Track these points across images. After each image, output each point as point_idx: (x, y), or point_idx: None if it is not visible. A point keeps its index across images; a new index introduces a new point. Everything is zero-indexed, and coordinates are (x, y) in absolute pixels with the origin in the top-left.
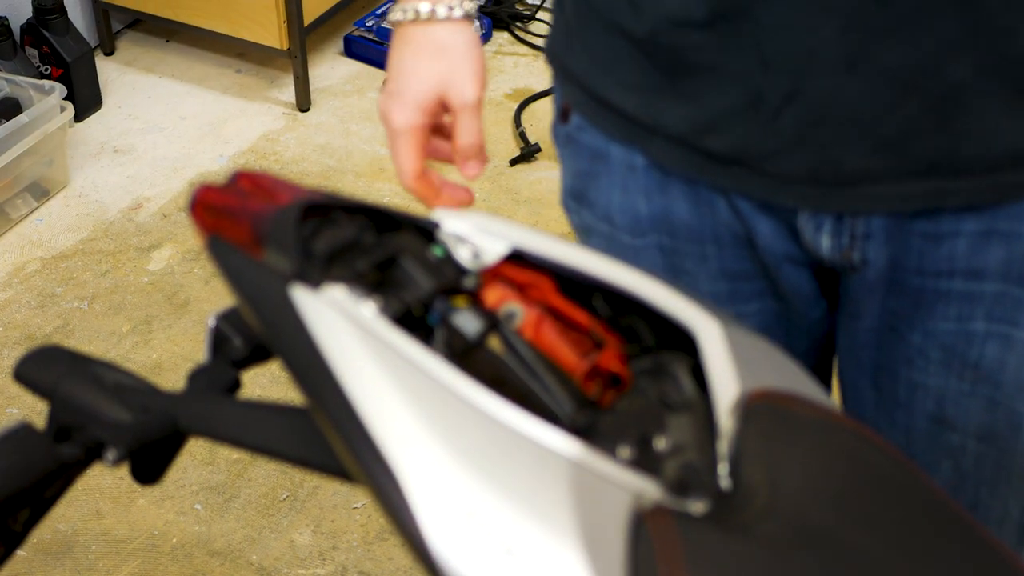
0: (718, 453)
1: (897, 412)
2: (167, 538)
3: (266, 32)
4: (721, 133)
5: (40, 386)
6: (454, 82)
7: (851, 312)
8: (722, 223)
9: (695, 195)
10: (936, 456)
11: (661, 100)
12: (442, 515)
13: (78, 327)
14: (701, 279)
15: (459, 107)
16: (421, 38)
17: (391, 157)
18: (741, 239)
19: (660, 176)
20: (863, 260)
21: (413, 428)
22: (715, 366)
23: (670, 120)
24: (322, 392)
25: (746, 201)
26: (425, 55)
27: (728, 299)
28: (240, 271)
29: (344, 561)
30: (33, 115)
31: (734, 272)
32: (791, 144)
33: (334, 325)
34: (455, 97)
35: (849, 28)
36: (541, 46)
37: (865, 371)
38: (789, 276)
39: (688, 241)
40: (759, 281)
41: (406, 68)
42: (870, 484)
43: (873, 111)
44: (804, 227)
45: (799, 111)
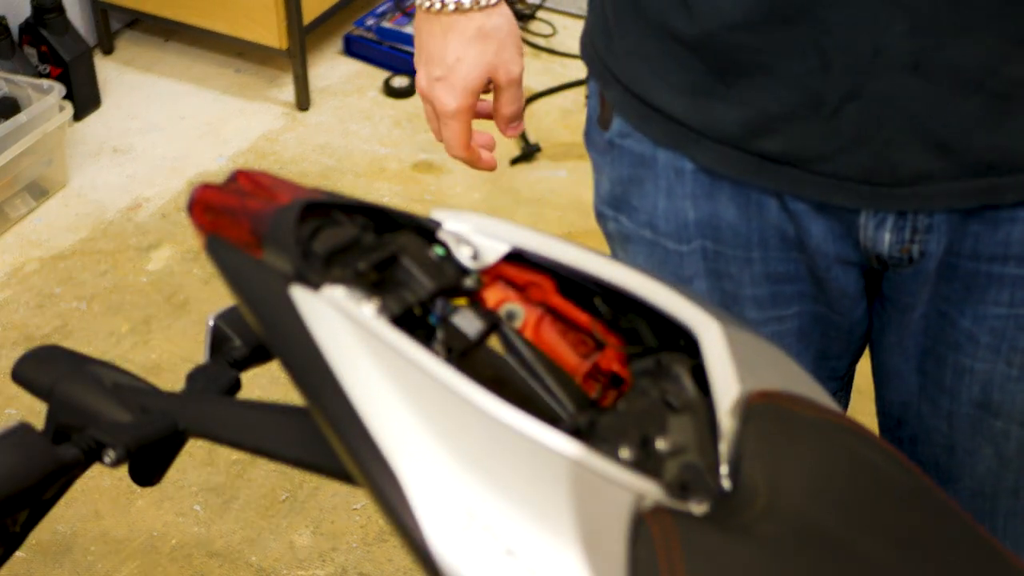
0: (719, 453)
1: (941, 397)
2: (166, 539)
3: (265, 31)
4: (776, 135)
5: (38, 386)
6: (501, 63)
7: (900, 304)
8: (770, 226)
9: (743, 198)
10: (978, 442)
11: (712, 102)
12: (442, 516)
13: (77, 327)
14: (744, 283)
15: (506, 84)
16: (466, 25)
17: (439, 134)
18: (789, 241)
19: (708, 181)
20: (922, 252)
21: (413, 428)
22: (716, 366)
23: (721, 123)
24: (322, 392)
25: (800, 202)
26: (472, 42)
27: (769, 302)
28: (239, 271)
29: (344, 562)
30: (32, 115)
31: (778, 275)
32: (849, 145)
33: (334, 325)
34: (502, 76)
35: (918, 27)
36: (541, 45)
37: (910, 357)
38: (837, 277)
39: (734, 246)
40: (802, 283)
41: (451, 54)
42: (871, 484)
43: (933, 111)
44: (865, 225)
45: (859, 111)
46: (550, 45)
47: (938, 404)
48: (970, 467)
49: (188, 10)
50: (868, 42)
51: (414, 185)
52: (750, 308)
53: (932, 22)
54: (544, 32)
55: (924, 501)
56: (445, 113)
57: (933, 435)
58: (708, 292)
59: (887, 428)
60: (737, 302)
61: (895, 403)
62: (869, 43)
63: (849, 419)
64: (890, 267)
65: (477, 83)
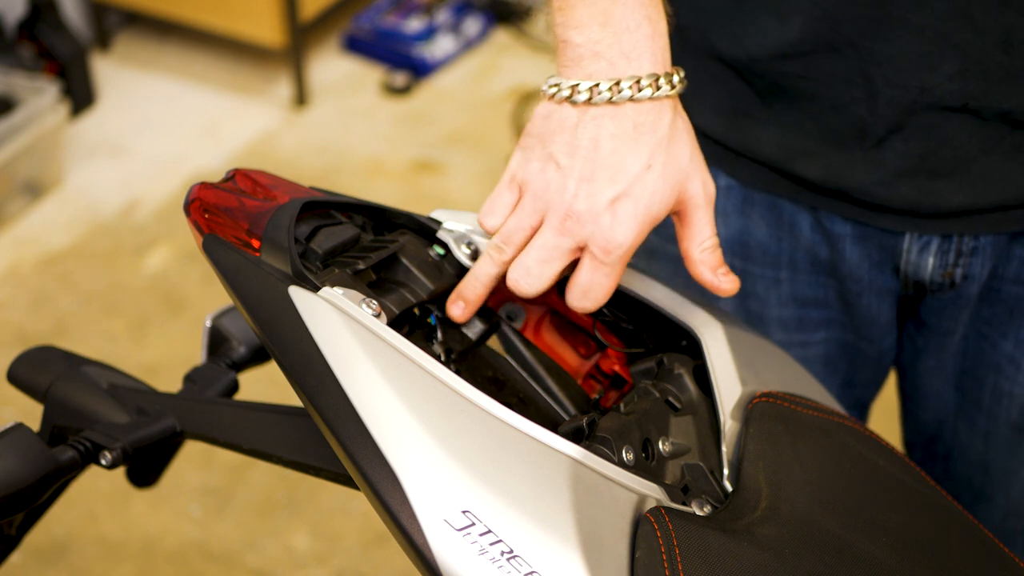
0: (721, 455)
1: (979, 417)
2: (163, 541)
3: (263, 29)
4: (816, 160)
5: (34, 387)
6: (697, 173)
7: (939, 329)
8: (801, 247)
9: (776, 218)
10: (1014, 463)
11: (752, 124)
12: (442, 517)
13: (73, 327)
14: (771, 303)
15: (707, 200)
16: (658, 119)
17: (589, 286)
18: (820, 264)
19: (740, 198)
20: (965, 276)
21: (413, 429)
22: (718, 368)
23: (760, 143)
24: (320, 393)
25: (838, 225)
26: (664, 144)
27: (795, 326)
28: (237, 271)
29: (342, 565)
30: (27, 113)
31: (805, 298)
32: (891, 176)
33: (333, 326)
34: (696, 194)
35: (968, 70)
36: (540, 43)
37: (948, 377)
38: (869, 304)
39: (762, 264)
40: (830, 310)
41: (638, 160)
42: (873, 485)
43: (977, 148)
44: (908, 249)
45: (903, 144)
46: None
47: (975, 423)
48: (1005, 487)
49: (185, 7)
50: (916, 79)
51: (413, 184)
52: (775, 329)
53: (981, 67)
54: (543, 30)
55: (926, 502)
56: (614, 249)
57: (968, 453)
58: (733, 311)
59: (919, 444)
60: (762, 323)
61: (930, 421)
62: (917, 81)
63: (851, 420)
64: (929, 292)
65: (668, 202)
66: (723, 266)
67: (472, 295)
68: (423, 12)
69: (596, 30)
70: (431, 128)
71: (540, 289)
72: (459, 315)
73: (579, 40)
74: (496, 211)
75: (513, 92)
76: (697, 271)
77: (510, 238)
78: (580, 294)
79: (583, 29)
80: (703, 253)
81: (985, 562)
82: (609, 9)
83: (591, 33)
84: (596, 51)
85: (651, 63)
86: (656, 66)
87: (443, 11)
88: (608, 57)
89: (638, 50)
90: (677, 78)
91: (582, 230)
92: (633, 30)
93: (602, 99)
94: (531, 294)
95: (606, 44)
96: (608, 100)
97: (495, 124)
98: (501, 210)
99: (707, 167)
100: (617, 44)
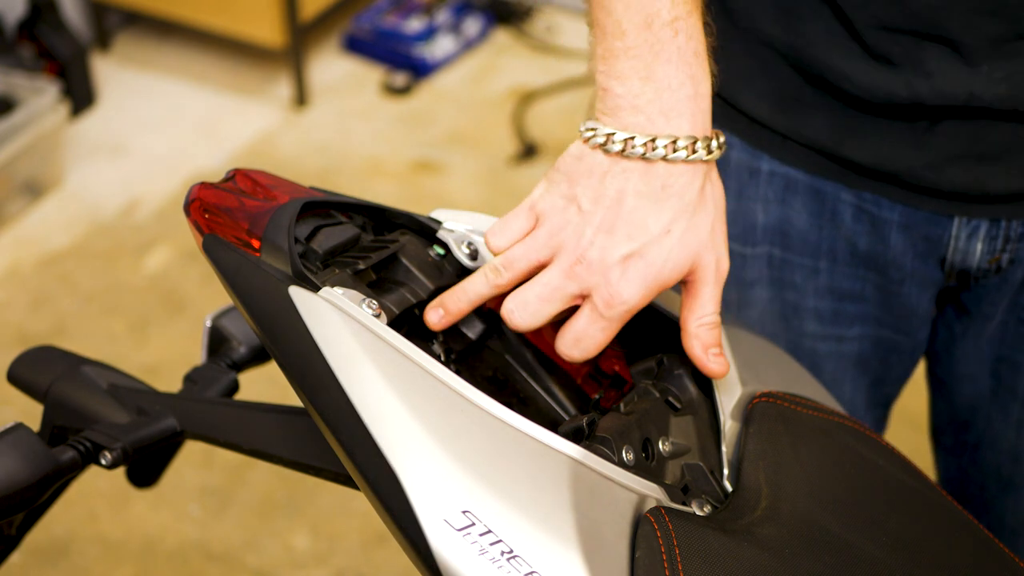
0: (721, 455)
1: (1012, 404)
2: (163, 542)
3: (263, 29)
4: (866, 143)
5: (34, 387)
6: (714, 248)
7: (979, 315)
8: (842, 236)
9: (818, 205)
10: None
11: (801, 108)
12: (442, 517)
13: (73, 328)
14: (808, 294)
15: (716, 278)
16: (689, 183)
17: (583, 336)
18: (859, 256)
19: (782, 185)
20: (1012, 260)
21: (413, 429)
22: None
23: (808, 128)
24: (321, 393)
25: (885, 210)
26: (690, 210)
27: (831, 318)
28: (237, 271)
29: (342, 565)
30: (27, 113)
31: (842, 291)
32: (940, 159)
33: (333, 326)
34: (708, 268)
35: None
36: (541, 44)
37: (984, 363)
38: (909, 294)
39: (801, 253)
40: (867, 305)
41: (659, 221)
42: (873, 485)
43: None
44: (956, 235)
45: (953, 128)
46: (549, 43)
47: (1008, 411)
48: None
49: (185, 7)
50: (963, 87)
51: (412, 184)
52: (811, 321)
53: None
54: (543, 30)
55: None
56: (617, 305)
57: (999, 441)
58: (769, 301)
59: (949, 431)
60: (798, 313)
61: (962, 408)
62: (964, 89)
63: (851, 420)
64: (973, 279)
65: (680, 270)
66: (716, 346)
67: (454, 308)
68: (423, 12)
69: (637, 84)
70: (431, 128)
71: (531, 326)
72: (435, 323)
73: (620, 91)
74: (506, 233)
75: (513, 92)
76: (689, 344)
77: (512, 264)
78: (572, 341)
79: (624, 81)
80: (700, 328)
81: (985, 562)
82: (652, 64)
83: (632, 86)
84: (635, 104)
85: (690, 125)
86: (695, 128)
87: (443, 11)
88: (647, 112)
89: (678, 110)
90: (716, 143)
91: (590, 279)
92: (675, 89)
93: (635, 153)
94: (521, 328)
95: (646, 99)
96: (641, 156)
97: (495, 124)
98: (511, 234)
99: (726, 241)
100: (658, 101)
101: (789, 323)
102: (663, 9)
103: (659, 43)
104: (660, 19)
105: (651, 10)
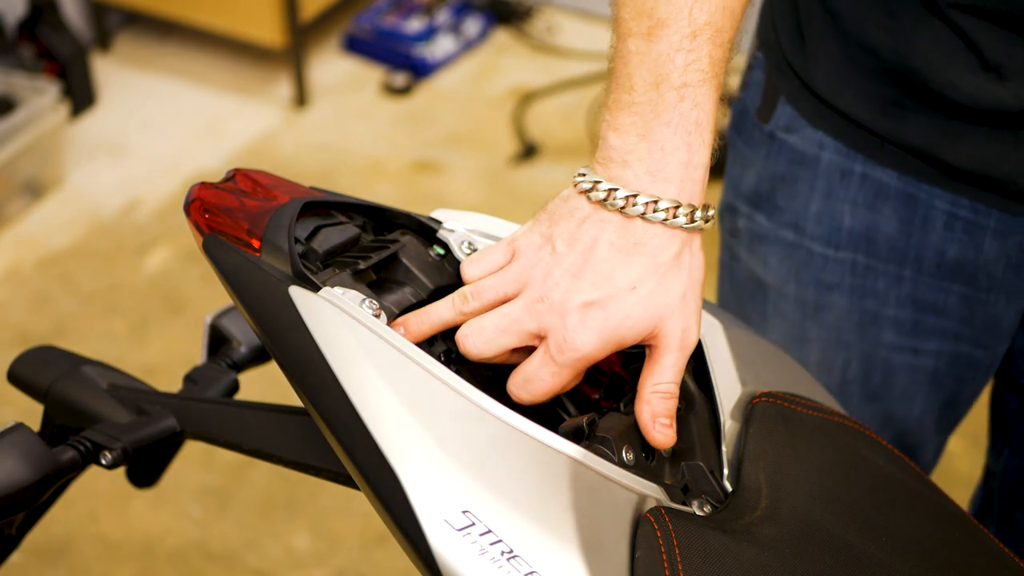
0: (721, 455)
1: None
2: (163, 541)
3: (263, 30)
4: (967, 149)
5: (34, 387)
6: (683, 315)
7: None
8: (930, 244)
9: (910, 212)
10: None
11: (902, 112)
12: (443, 517)
13: (73, 328)
14: (889, 302)
15: (679, 347)
16: (664, 245)
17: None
18: (945, 266)
19: (874, 191)
20: None
21: (413, 429)
22: (718, 368)
23: (909, 132)
24: (321, 393)
25: (982, 216)
26: (661, 271)
27: (910, 330)
28: (237, 270)
29: (342, 565)
30: (28, 113)
31: (924, 302)
32: None
33: (333, 326)
34: (678, 335)
35: None
36: (541, 44)
37: None
38: (996, 304)
39: (887, 260)
40: (948, 320)
41: (626, 276)
42: (874, 485)
43: None
44: None
45: None
46: (549, 43)
47: None
48: None
49: (185, 7)
50: None
51: (413, 184)
52: (889, 330)
53: None
54: (543, 30)
55: (927, 502)
56: (569, 351)
57: None
58: (847, 308)
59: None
60: (876, 322)
61: None
62: None
63: (851, 420)
64: None
65: (640, 331)
66: (666, 417)
67: (415, 329)
68: (423, 12)
69: (633, 139)
70: (431, 128)
71: (483, 354)
72: None
73: (615, 143)
74: (482, 264)
75: (513, 92)
76: (639, 409)
77: (481, 294)
78: (521, 382)
79: (622, 134)
80: (653, 395)
81: (985, 562)
82: (652, 124)
83: (628, 140)
84: (626, 159)
85: (677, 190)
86: (682, 195)
87: (443, 11)
88: (635, 169)
89: (666, 173)
90: (700, 214)
91: (548, 318)
92: (668, 152)
93: (615, 206)
94: (473, 355)
95: (637, 156)
96: (620, 209)
97: (495, 124)
98: (487, 265)
99: (701, 314)
100: (648, 160)
101: (866, 332)
102: (674, 73)
103: (662, 104)
104: (669, 81)
105: (663, 71)
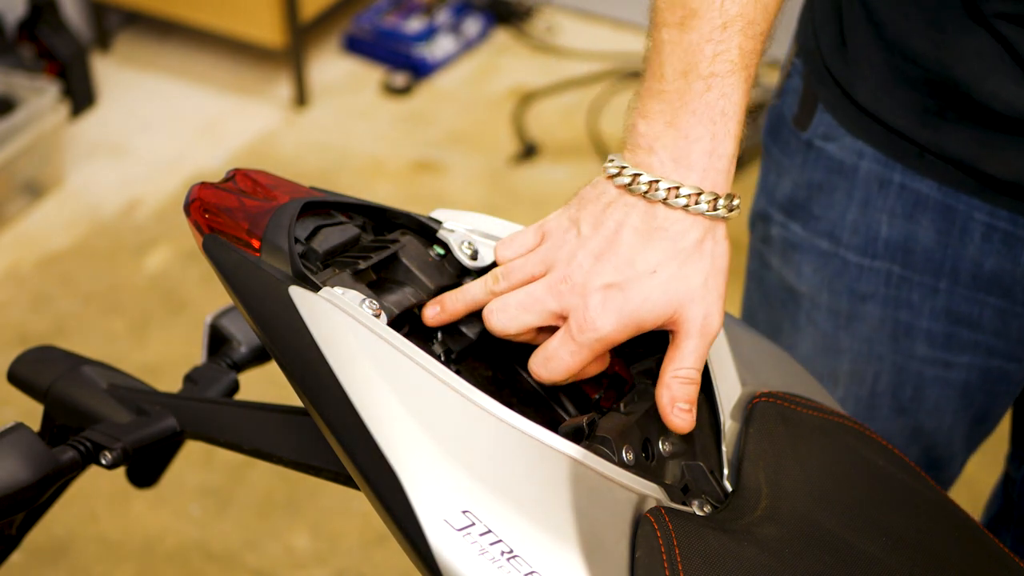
0: (721, 455)
1: None
2: (163, 541)
3: (263, 29)
4: (1007, 159)
5: (34, 387)
6: (704, 301)
7: None
8: (967, 256)
9: (947, 224)
10: None
11: (943, 123)
12: (443, 517)
13: (73, 328)
14: (923, 314)
15: (700, 332)
16: (686, 230)
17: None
18: (981, 279)
19: (912, 202)
20: None
21: (413, 429)
22: (718, 368)
23: (949, 142)
24: (321, 393)
25: (1021, 230)
26: (682, 256)
27: (943, 342)
28: (237, 270)
29: (342, 565)
30: (28, 113)
31: (959, 314)
32: None
33: (333, 326)
34: (693, 321)
35: None
36: (541, 44)
37: None
38: None
39: (923, 271)
40: (982, 333)
41: (646, 259)
42: (873, 485)
43: None
44: None
45: None
46: (549, 43)
47: None
48: None
49: (185, 7)
50: None
51: (413, 184)
52: (921, 343)
53: None
54: (543, 30)
55: (927, 502)
56: (588, 331)
57: None
58: (880, 319)
59: None
60: (910, 334)
61: None
62: None
63: (851, 420)
64: None
65: (660, 314)
66: (686, 402)
67: (451, 307)
68: (423, 12)
69: (660, 127)
70: (431, 128)
71: (507, 331)
72: (431, 318)
73: (643, 130)
74: (512, 246)
75: (513, 92)
76: (659, 393)
77: (510, 274)
78: (542, 361)
79: (650, 121)
80: (673, 380)
81: (985, 562)
82: (678, 112)
83: (655, 127)
84: (652, 146)
85: (699, 178)
86: (704, 183)
87: (443, 11)
88: (660, 156)
89: (690, 160)
90: (724, 202)
91: (570, 299)
92: (693, 140)
93: (639, 191)
94: (498, 332)
95: (662, 143)
96: (643, 194)
97: (495, 124)
98: (517, 248)
99: (723, 301)
100: (673, 147)
101: (899, 343)
102: (702, 62)
103: (689, 93)
104: (697, 71)
105: (692, 60)
